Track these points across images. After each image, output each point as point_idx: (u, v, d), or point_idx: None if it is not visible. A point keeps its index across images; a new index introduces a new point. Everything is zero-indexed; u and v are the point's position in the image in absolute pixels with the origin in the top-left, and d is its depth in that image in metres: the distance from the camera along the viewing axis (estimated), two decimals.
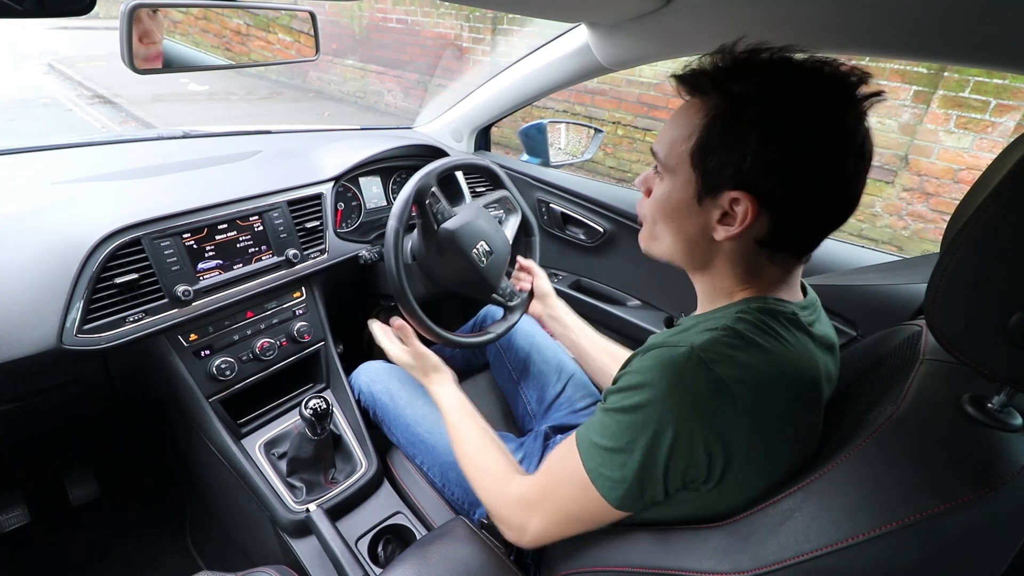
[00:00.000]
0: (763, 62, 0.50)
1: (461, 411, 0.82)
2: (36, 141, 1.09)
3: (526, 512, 0.62)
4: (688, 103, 0.55)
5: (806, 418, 0.53)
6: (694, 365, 0.48)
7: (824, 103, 0.48)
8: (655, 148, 0.59)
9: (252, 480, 0.96)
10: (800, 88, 0.49)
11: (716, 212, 0.54)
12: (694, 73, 0.54)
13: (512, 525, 0.64)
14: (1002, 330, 0.39)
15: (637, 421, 0.50)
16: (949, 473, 0.43)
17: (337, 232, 1.15)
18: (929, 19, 0.63)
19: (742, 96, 0.50)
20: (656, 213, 0.60)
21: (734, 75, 0.51)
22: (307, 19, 1.04)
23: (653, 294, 1.40)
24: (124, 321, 0.86)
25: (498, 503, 0.67)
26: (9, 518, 1.23)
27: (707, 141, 0.52)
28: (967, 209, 0.46)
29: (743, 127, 0.49)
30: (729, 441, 0.48)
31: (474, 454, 0.75)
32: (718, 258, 0.57)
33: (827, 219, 0.53)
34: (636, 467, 0.50)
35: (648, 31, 0.91)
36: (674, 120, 0.56)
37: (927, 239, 2.95)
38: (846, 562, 0.42)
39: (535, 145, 1.54)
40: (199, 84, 6.14)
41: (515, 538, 0.64)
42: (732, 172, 0.51)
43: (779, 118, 0.48)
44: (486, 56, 4.51)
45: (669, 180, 0.57)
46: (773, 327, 0.52)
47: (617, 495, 0.52)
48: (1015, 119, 2.50)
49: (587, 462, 0.55)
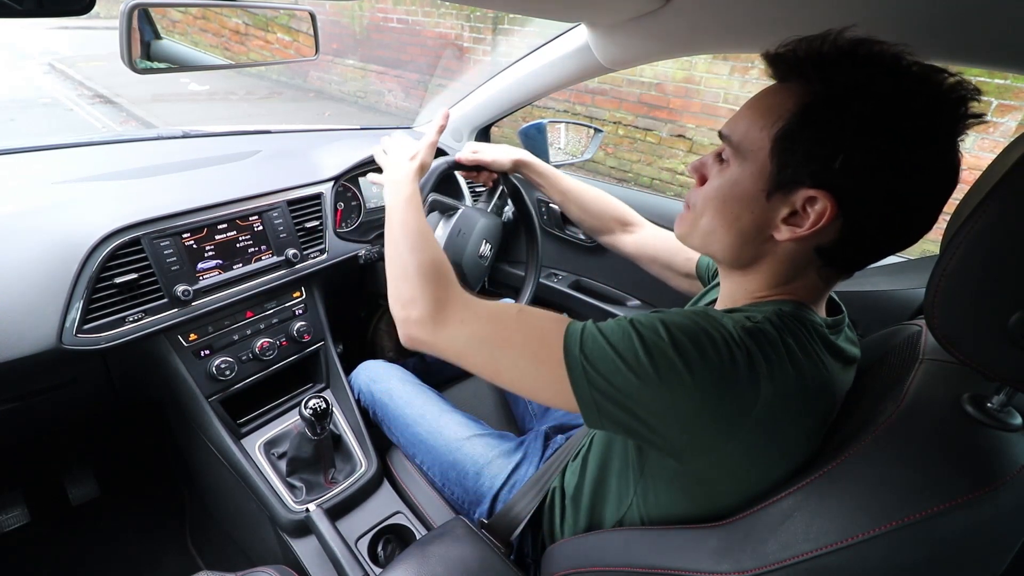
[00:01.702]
0: (874, 55, 0.46)
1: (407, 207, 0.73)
2: (36, 141, 1.09)
3: (444, 314, 0.58)
4: (777, 87, 0.51)
5: (814, 428, 0.51)
6: (738, 339, 0.46)
7: (932, 113, 0.44)
8: (726, 131, 0.53)
9: (252, 480, 0.96)
10: (910, 92, 0.44)
11: (784, 210, 0.49)
12: (794, 55, 0.48)
13: (416, 307, 0.60)
14: (1002, 330, 0.39)
15: (652, 347, 0.47)
16: (949, 473, 0.42)
17: (337, 232, 1.15)
18: (929, 19, 0.63)
19: (847, 88, 0.45)
20: (711, 202, 0.54)
21: (841, 64, 0.46)
22: (306, 18, 1.04)
23: (653, 294, 1.39)
24: (124, 321, 0.86)
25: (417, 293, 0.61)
26: (9, 518, 1.23)
27: (795, 130, 0.47)
28: (966, 209, 0.46)
29: (841, 122, 0.45)
30: (719, 428, 0.47)
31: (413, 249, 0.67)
32: (766, 259, 0.53)
33: (901, 237, 0.49)
34: (619, 370, 0.47)
35: (648, 31, 0.91)
36: (756, 103, 0.51)
37: (927, 239, 2.95)
38: (846, 562, 0.42)
39: (535, 145, 1.54)
40: (199, 84, 6.15)
41: (406, 317, 0.61)
42: (817, 168, 0.47)
43: (884, 119, 0.44)
44: (486, 56, 4.51)
45: (738, 167, 0.52)
46: (807, 339, 0.49)
47: (577, 374, 0.48)
48: (1016, 119, 2.50)
49: (572, 333, 0.50)
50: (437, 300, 0.60)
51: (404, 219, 0.72)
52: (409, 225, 0.71)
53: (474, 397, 1.21)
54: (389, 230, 0.72)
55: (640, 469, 0.59)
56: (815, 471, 0.47)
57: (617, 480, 0.64)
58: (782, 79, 0.51)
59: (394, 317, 0.64)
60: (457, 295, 0.61)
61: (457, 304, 0.60)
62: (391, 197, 0.77)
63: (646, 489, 0.59)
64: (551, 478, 0.79)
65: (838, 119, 0.46)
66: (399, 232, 0.70)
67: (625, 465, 0.62)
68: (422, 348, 0.62)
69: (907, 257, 1.05)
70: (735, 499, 0.51)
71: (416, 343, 0.62)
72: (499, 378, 0.56)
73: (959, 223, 0.41)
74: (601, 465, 0.66)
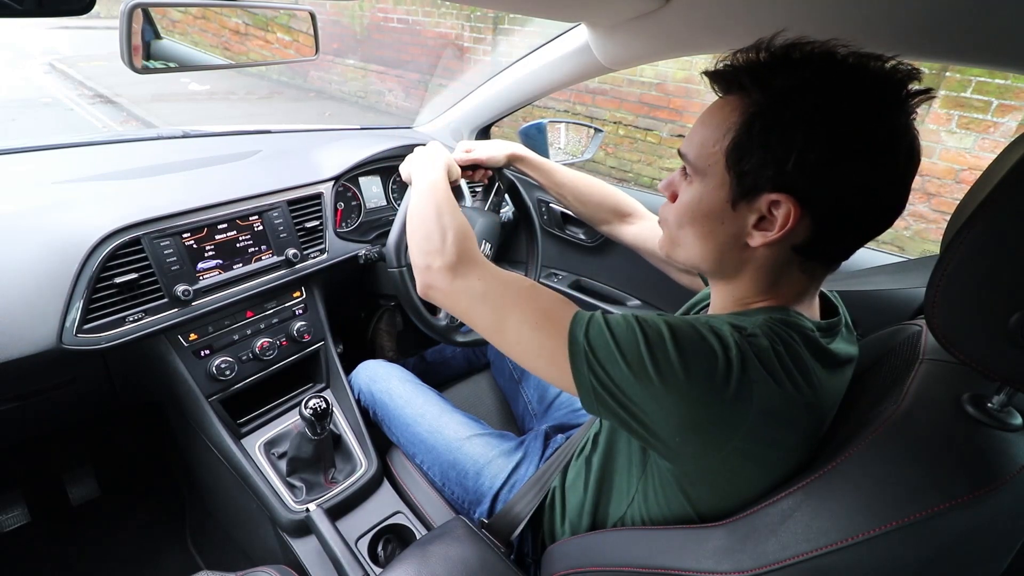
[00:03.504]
0: (807, 56, 0.47)
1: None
2: (37, 141, 1.09)
3: (458, 270, 0.63)
4: (721, 101, 0.52)
5: (804, 439, 0.51)
6: (735, 350, 0.46)
7: (874, 99, 0.46)
8: (683, 150, 0.55)
9: (252, 480, 0.96)
10: (848, 83, 0.46)
11: (752, 217, 0.51)
12: (730, 68, 0.50)
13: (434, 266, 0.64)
14: (1002, 330, 0.39)
15: (653, 344, 0.47)
16: (949, 473, 0.42)
17: (337, 232, 1.15)
18: (930, 18, 0.63)
19: (786, 91, 0.47)
20: (683, 218, 0.56)
21: (776, 69, 0.48)
22: (306, 18, 1.04)
23: (653, 294, 1.40)
24: (124, 321, 0.86)
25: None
26: (9, 518, 1.23)
27: (744, 140, 0.49)
28: (967, 209, 0.46)
29: (786, 124, 0.47)
30: (711, 436, 0.47)
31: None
32: (747, 266, 0.54)
33: (872, 223, 0.50)
34: (615, 358, 0.48)
35: (648, 31, 0.91)
36: (706, 119, 0.53)
37: (928, 239, 2.95)
38: (846, 562, 0.42)
39: (535, 145, 1.54)
40: (200, 84, 6.15)
41: (428, 265, 0.65)
42: (772, 173, 0.48)
43: (827, 114, 0.45)
44: (487, 56, 4.51)
45: (700, 183, 0.54)
46: (799, 350, 0.49)
47: (579, 359, 0.50)
48: (1017, 119, 2.50)
49: (579, 319, 0.52)
50: (462, 252, 0.64)
51: (434, 188, 0.75)
52: (440, 193, 0.74)
53: (474, 397, 1.21)
54: (418, 196, 0.75)
55: (643, 466, 0.60)
56: (815, 471, 0.47)
57: (620, 478, 0.64)
58: (725, 92, 0.52)
59: (414, 267, 0.68)
60: (480, 255, 0.65)
61: (479, 261, 0.64)
62: (420, 174, 0.80)
63: (647, 487, 0.59)
64: (551, 478, 0.79)
65: (781, 122, 0.47)
66: (428, 196, 0.73)
67: (629, 462, 0.62)
68: (436, 297, 0.65)
69: (907, 256, 1.05)
70: (730, 503, 0.51)
71: (432, 291, 0.65)
72: (502, 337, 0.58)
73: (960, 223, 0.41)
74: (605, 462, 0.67)
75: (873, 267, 0.92)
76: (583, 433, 0.80)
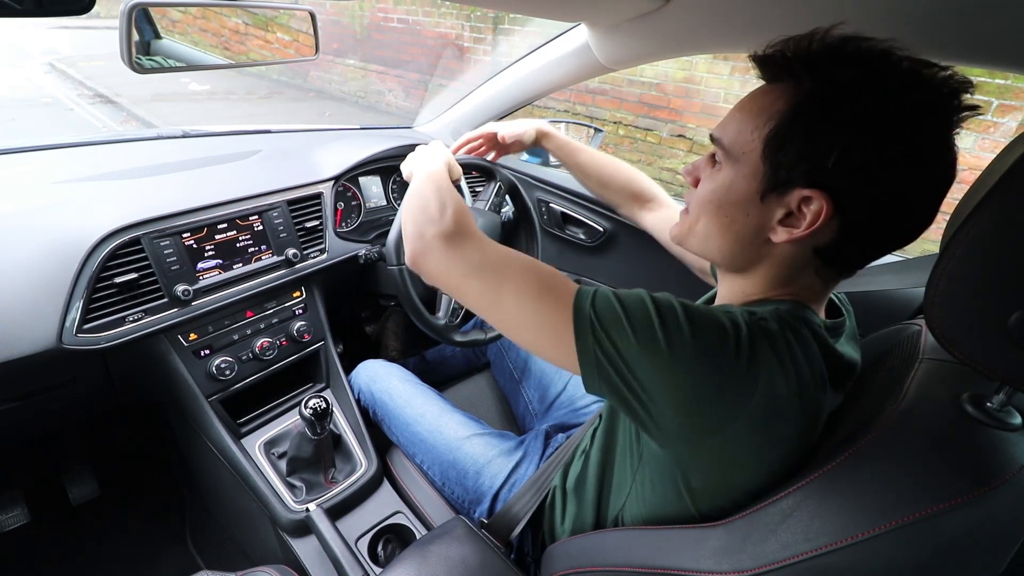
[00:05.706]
0: (864, 52, 0.45)
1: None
2: (36, 140, 1.09)
3: (451, 241, 0.60)
4: (767, 87, 0.50)
5: (800, 434, 0.50)
6: (745, 331, 0.46)
7: (927, 106, 0.44)
8: (717, 134, 0.53)
9: (252, 480, 0.96)
10: (906, 87, 0.44)
11: (779, 211, 0.49)
12: (782, 55, 0.48)
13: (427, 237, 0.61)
14: (1002, 329, 0.39)
15: (664, 314, 0.47)
16: (949, 472, 0.42)
17: (337, 232, 1.15)
18: (929, 18, 0.63)
19: (838, 85, 0.45)
20: (705, 206, 0.54)
21: (831, 61, 0.46)
22: (306, 18, 1.05)
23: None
24: (123, 321, 0.86)
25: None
26: (9, 518, 1.23)
27: (787, 130, 0.47)
28: (966, 208, 0.46)
29: (836, 120, 0.45)
30: (713, 417, 0.46)
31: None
32: (763, 262, 0.53)
33: (897, 235, 0.49)
34: (622, 333, 0.47)
35: (648, 31, 0.91)
36: (746, 104, 0.51)
37: (928, 239, 2.94)
38: (846, 561, 0.42)
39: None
40: (200, 84, 6.14)
41: (421, 233, 0.62)
42: (810, 167, 0.46)
43: (877, 114, 0.44)
44: (487, 56, 4.51)
45: (730, 170, 0.52)
46: (807, 339, 0.49)
47: (584, 330, 0.48)
48: (1017, 119, 2.50)
49: (584, 292, 0.51)
50: (459, 223, 0.62)
51: (435, 175, 0.73)
52: (441, 179, 0.73)
53: (474, 396, 1.22)
54: (417, 182, 0.73)
55: (639, 455, 0.59)
56: (815, 471, 0.47)
57: (618, 470, 0.64)
58: (771, 80, 0.51)
59: (405, 237, 0.65)
60: (478, 230, 0.62)
61: (476, 234, 0.61)
62: (421, 169, 0.77)
63: (644, 477, 0.59)
64: (551, 477, 0.79)
65: (830, 117, 0.45)
66: (428, 181, 0.71)
67: (626, 454, 0.62)
68: (427, 266, 0.62)
69: (907, 256, 1.05)
70: (725, 498, 0.51)
71: (423, 260, 0.62)
72: (498, 310, 0.55)
73: (959, 223, 0.41)
74: (604, 457, 0.66)
75: (873, 267, 0.92)
76: (583, 432, 0.80)
